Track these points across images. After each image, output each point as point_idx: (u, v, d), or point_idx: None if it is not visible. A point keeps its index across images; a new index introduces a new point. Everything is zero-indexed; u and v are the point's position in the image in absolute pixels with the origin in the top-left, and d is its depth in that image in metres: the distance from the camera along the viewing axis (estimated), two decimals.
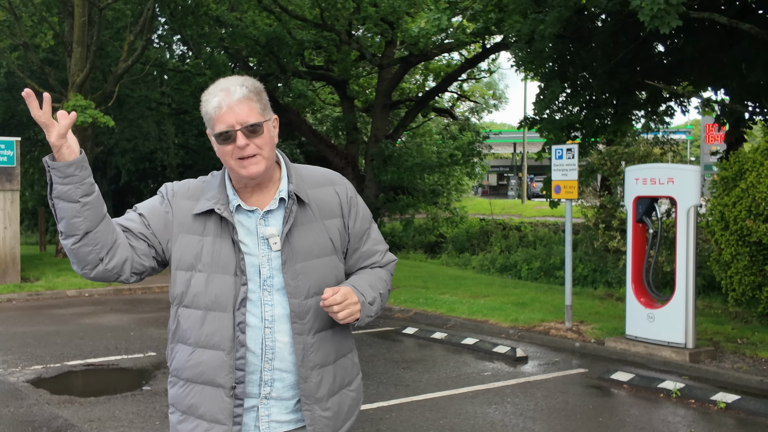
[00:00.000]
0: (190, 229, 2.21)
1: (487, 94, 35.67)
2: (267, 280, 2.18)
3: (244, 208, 2.22)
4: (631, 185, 8.48)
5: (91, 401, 6.59)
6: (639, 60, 14.20)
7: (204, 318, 2.18)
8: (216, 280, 2.17)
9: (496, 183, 60.21)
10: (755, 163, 8.70)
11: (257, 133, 2.16)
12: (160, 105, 21.65)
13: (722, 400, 6.45)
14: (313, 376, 2.21)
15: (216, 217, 2.20)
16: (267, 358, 2.18)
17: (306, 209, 2.24)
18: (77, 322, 10.53)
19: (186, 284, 2.20)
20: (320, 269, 2.23)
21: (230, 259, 2.17)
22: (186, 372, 2.22)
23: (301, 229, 2.22)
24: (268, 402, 2.21)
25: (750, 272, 8.62)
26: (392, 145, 22.41)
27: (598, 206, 13.83)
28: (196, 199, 2.24)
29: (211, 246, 2.18)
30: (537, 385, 7.23)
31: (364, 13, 19.87)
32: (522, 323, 9.88)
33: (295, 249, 2.19)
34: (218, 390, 2.17)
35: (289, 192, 2.23)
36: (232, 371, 2.16)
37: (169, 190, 2.29)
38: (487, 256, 18.50)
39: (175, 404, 2.27)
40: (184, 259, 2.20)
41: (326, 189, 2.31)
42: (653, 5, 8.32)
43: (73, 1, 16.74)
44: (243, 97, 2.15)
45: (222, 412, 2.17)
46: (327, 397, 2.24)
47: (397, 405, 6.49)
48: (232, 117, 2.13)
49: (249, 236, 2.20)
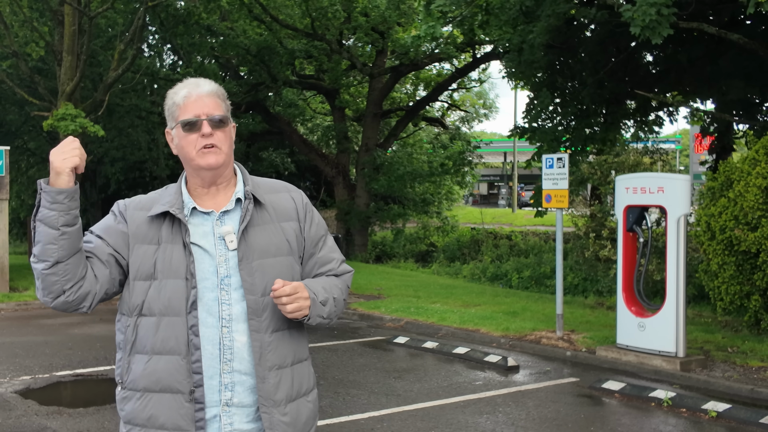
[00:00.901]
0: (145, 239, 2.24)
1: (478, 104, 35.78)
2: (224, 279, 2.20)
3: (199, 210, 2.25)
4: (621, 194, 8.51)
5: (80, 412, 6.54)
6: (627, 70, 14.29)
7: (158, 324, 2.19)
8: (168, 285, 2.18)
9: (486, 192, 60.33)
10: (743, 173, 8.75)
11: (221, 126, 2.24)
12: (150, 114, 21.58)
13: (713, 409, 6.46)
14: (270, 377, 2.20)
15: (168, 222, 2.23)
16: (225, 358, 2.18)
17: (262, 211, 2.28)
18: (66, 332, 10.46)
19: (145, 293, 2.21)
20: (277, 267, 2.25)
21: (180, 262, 2.19)
22: (142, 381, 2.19)
23: (258, 229, 2.26)
24: (230, 410, 2.19)
25: (737, 281, 8.66)
26: (383, 154, 22.44)
27: (589, 215, 13.87)
28: (149, 209, 2.27)
29: (162, 252, 2.21)
30: (528, 394, 7.22)
31: (354, 22, 19.93)
32: (513, 332, 9.87)
33: (252, 247, 2.22)
34: (177, 396, 2.16)
35: (246, 192, 2.27)
36: (189, 375, 2.16)
37: (121, 205, 2.33)
38: (478, 265, 18.51)
39: (131, 420, 2.22)
40: (142, 269, 2.22)
41: (282, 195, 2.37)
42: (645, 16, 8.37)
43: (63, 10, 16.70)
44: (212, 92, 2.25)
45: (183, 418, 2.16)
46: (285, 402, 2.23)
47: (389, 415, 6.46)
48: (199, 107, 2.22)
49: (205, 237, 2.23)
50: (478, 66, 23.34)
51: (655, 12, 8.36)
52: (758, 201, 8.35)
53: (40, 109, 16.95)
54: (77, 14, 16.44)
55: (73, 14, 16.39)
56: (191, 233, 2.23)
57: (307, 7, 19.39)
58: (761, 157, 8.73)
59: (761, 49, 11.03)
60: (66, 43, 16.57)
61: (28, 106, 18.19)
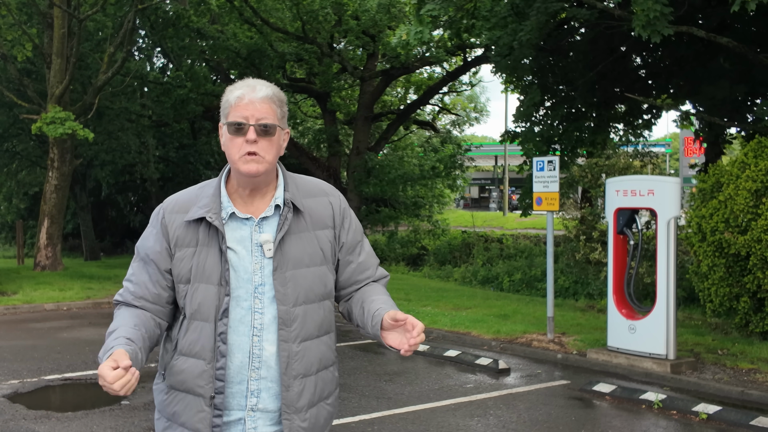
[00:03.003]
0: (183, 243, 2.23)
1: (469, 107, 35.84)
2: (258, 287, 2.19)
3: (238, 215, 2.23)
4: (611, 197, 8.53)
5: (68, 416, 6.49)
6: (617, 73, 14.33)
7: (188, 326, 2.20)
8: (200, 289, 2.18)
9: (477, 195, 60.44)
10: (732, 176, 8.79)
11: (268, 134, 2.19)
12: (140, 117, 21.52)
13: (704, 411, 6.46)
14: (295, 386, 2.21)
15: (206, 226, 2.21)
16: (254, 366, 2.19)
17: (300, 218, 2.26)
18: (55, 336, 10.39)
19: (184, 297, 2.23)
20: (310, 278, 2.24)
21: (215, 268, 2.18)
22: (170, 378, 2.24)
23: (294, 237, 2.23)
24: (255, 414, 2.21)
25: (726, 283, 8.69)
26: (374, 157, 22.42)
27: (579, 218, 13.89)
28: (186, 211, 2.25)
29: (198, 256, 2.20)
30: (519, 397, 7.22)
31: (345, 26, 19.92)
32: (504, 335, 9.87)
33: (287, 256, 2.20)
34: (198, 399, 2.18)
35: (285, 199, 2.24)
36: (212, 381, 2.17)
37: (160, 214, 2.31)
38: (469, 268, 18.50)
39: (161, 411, 2.30)
40: (182, 273, 2.23)
41: (320, 199, 2.33)
42: (649, 12, 8.33)
43: (52, 13, 16.64)
44: (266, 97, 2.19)
45: (201, 422, 2.18)
46: (306, 408, 2.24)
47: (380, 418, 6.44)
48: (250, 110, 2.17)
49: (242, 244, 2.21)
50: (469, 69, 23.37)
51: (658, 8, 8.33)
52: (748, 204, 8.38)
53: (29, 111, 16.87)
54: (67, 17, 16.37)
55: (62, 17, 16.33)
56: (228, 238, 2.21)
57: (298, 11, 19.38)
58: (750, 161, 8.77)
59: (750, 52, 11.08)
60: (55, 46, 16.51)
61: (16, 108, 18.10)
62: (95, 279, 16.02)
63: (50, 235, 17.20)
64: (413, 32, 11.74)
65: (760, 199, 8.38)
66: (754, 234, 8.19)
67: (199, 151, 25.22)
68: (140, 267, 2.29)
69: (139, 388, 7.36)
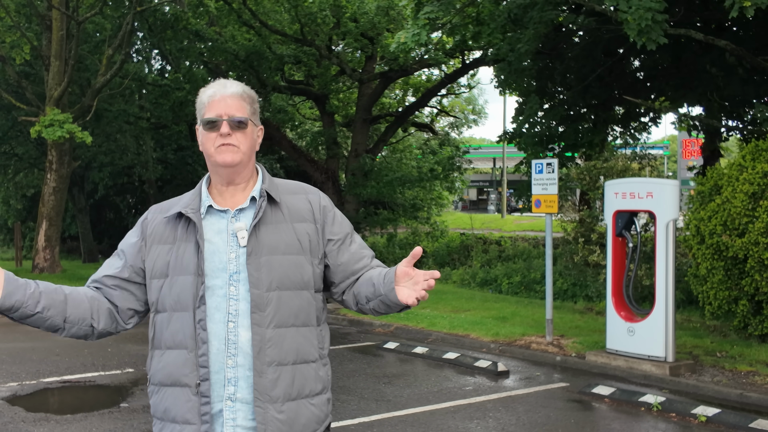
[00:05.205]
0: (161, 239, 2.31)
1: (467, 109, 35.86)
2: (234, 275, 2.23)
3: (215, 208, 2.30)
4: (610, 199, 8.54)
5: (67, 419, 6.48)
6: (614, 76, 14.36)
7: (170, 319, 2.25)
8: (179, 281, 2.24)
9: (476, 198, 60.42)
10: (731, 178, 8.80)
11: (241, 128, 2.27)
12: (138, 119, 21.50)
13: (703, 414, 6.47)
14: (269, 372, 2.19)
15: (184, 223, 2.29)
16: (230, 353, 2.20)
17: (277, 210, 2.30)
18: (53, 338, 10.37)
19: (159, 291, 2.28)
20: (285, 265, 2.26)
21: (191, 259, 2.24)
22: (158, 375, 2.27)
23: (270, 227, 2.28)
24: (234, 405, 2.19)
25: (725, 286, 8.70)
26: (372, 159, 22.42)
27: (578, 220, 13.89)
28: (167, 211, 2.35)
29: (176, 250, 2.27)
30: (518, 399, 7.22)
31: (344, 28, 19.92)
32: (503, 337, 9.87)
33: (261, 243, 2.25)
34: (185, 389, 2.20)
35: (261, 190, 2.31)
36: (196, 368, 2.20)
37: (144, 215, 2.43)
38: (468, 270, 18.48)
39: (155, 414, 2.31)
40: (157, 267, 2.29)
41: (299, 196, 2.38)
42: (640, 20, 8.35)
43: (51, 15, 16.63)
44: (236, 94, 2.29)
45: (190, 411, 2.19)
46: (283, 400, 2.20)
47: (379, 420, 6.45)
48: (222, 107, 2.26)
49: (219, 235, 2.27)
50: (468, 72, 23.37)
51: (650, 17, 8.36)
52: (745, 207, 8.40)
53: (28, 114, 16.87)
54: (65, 19, 16.37)
55: (61, 19, 16.32)
56: (206, 231, 2.28)
57: (297, 13, 19.38)
58: (747, 163, 8.78)
59: (747, 55, 11.10)
60: (54, 48, 16.50)
61: (15, 110, 18.10)
62: None
63: (48, 237, 17.19)
64: (411, 35, 11.75)
65: (757, 201, 8.39)
66: (752, 237, 8.20)
67: (197, 153, 25.15)
68: (110, 259, 2.39)
69: (138, 391, 7.37)
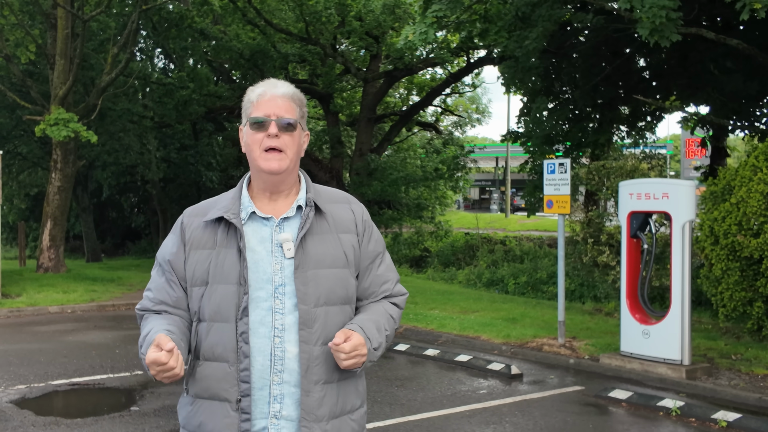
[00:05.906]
0: (200, 245, 2.19)
1: (471, 109, 35.76)
2: (279, 287, 2.13)
3: (258, 215, 2.19)
4: (625, 200, 8.44)
5: (77, 423, 6.39)
6: (621, 75, 14.26)
7: (209, 329, 2.15)
8: (219, 290, 2.13)
9: (478, 197, 60.34)
10: (744, 178, 8.70)
11: (289, 130, 2.18)
12: (142, 118, 21.43)
13: (723, 419, 6.37)
14: (315, 391, 2.13)
15: (224, 227, 2.17)
16: (276, 369, 2.11)
17: (322, 220, 2.22)
18: (60, 339, 10.29)
19: (200, 299, 2.17)
20: (332, 279, 2.18)
21: (233, 267, 2.13)
22: (194, 387, 2.17)
23: (316, 237, 2.19)
24: (278, 422, 2.12)
25: (740, 287, 8.60)
26: (377, 158, 22.34)
27: (587, 221, 13.80)
28: (205, 214, 2.23)
29: (216, 257, 2.15)
30: (534, 403, 7.12)
31: (348, 27, 19.84)
32: (514, 339, 9.78)
33: (308, 255, 2.15)
34: (224, 404, 2.11)
35: (307, 199, 2.21)
36: (237, 383, 2.10)
37: (179, 219, 2.31)
38: (474, 270, 18.39)
39: (185, 426, 2.22)
40: (197, 274, 2.18)
41: (342, 206, 2.30)
42: (654, 18, 8.24)
43: (56, 14, 16.54)
44: (287, 94, 2.21)
45: (228, 427, 2.10)
46: (328, 419, 2.14)
47: (393, 425, 6.35)
48: (271, 107, 2.17)
49: (262, 244, 2.16)
50: (472, 71, 23.30)
51: (664, 15, 8.25)
52: (761, 207, 8.30)
53: (32, 113, 16.78)
54: (70, 17, 16.28)
55: (66, 17, 16.24)
56: (248, 238, 2.17)
57: (301, 12, 19.29)
58: (761, 164, 8.69)
59: (760, 54, 11.01)
60: (59, 47, 16.41)
61: (19, 109, 18.01)
62: (98, 281, 15.91)
63: (53, 236, 17.10)
64: (418, 32, 11.66)
65: None
66: (767, 237, 8.10)
67: (200, 152, 25.10)
68: (157, 273, 2.26)
69: (148, 394, 7.28)
